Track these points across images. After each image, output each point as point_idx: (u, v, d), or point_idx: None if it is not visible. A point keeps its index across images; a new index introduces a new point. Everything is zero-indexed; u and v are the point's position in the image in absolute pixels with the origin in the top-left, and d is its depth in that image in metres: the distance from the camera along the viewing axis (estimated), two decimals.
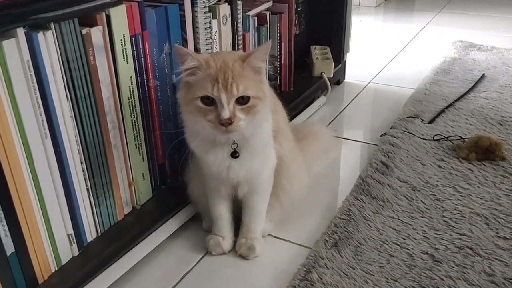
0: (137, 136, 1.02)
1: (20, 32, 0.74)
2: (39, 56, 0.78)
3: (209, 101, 0.83)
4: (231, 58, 0.85)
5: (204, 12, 1.11)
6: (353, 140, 1.55)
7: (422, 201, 1.18)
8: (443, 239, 1.05)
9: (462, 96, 1.72)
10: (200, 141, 0.90)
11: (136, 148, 1.03)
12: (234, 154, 0.91)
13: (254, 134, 0.91)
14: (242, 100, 0.83)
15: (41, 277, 0.86)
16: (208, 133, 0.86)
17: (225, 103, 0.82)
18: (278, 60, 1.57)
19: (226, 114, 0.82)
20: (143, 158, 1.05)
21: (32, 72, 0.77)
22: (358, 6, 3.23)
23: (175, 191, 1.12)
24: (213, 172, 0.95)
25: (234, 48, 1.28)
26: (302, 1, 1.79)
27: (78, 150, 0.89)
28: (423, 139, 1.45)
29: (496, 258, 0.99)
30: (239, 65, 0.84)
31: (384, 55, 2.25)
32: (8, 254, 0.79)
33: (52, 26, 0.79)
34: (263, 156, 0.97)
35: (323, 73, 1.77)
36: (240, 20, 1.27)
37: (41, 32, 0.77)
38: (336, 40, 1.88)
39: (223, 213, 1.05)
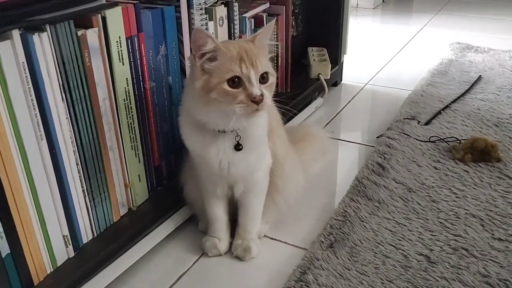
0: (133, 138, 1.02)
1: (16, 33, 0.74)
2: (34, 58, 0.78)
3: (235, 83, 0.83)
4: (240, 41, 0.87)
5: (201, 14, 1.11)
6: (349, 142, 1.55)
7: (418, 203, 1.18)
8: (439, 240, 1.05)
9: (458, 98, 1.73)
10: (200, 136, 0.91)
11: (132, 149, 1.03)
12: (238, 147, 0.91)
13: (255, 123, 0.91)
14: (263, 79, 0.85)
15: (36, 278, 0.86)
16: (240, 115, 0.83)
17: (254, 80, 0.82)
18: (275, 61, 1.57)
19: (257, 91, 0.82)
20: (139, 160, 1.06)
21: (28, 74, 0.77)
22: (355, 8, 3.23)
23: (171, 193, 1.12)
24: (213, 169, 0.94)
25: None
26: (299, 3, 1.79)
27: (73, 151, 0.89)
28: (420, 140, 1.46)
29: (491, 259, 0.99)
30: (252, 45, 0.86)
31: (381, 57, 2.26)
32: (3, 256, 0.79)
33: (48, 28, 0.79)
34: (259, 152, 0.97)
35: (320, 75, 1.77)
36: (236, 22, 1.27)
37: (36, 34, 0.77)
38: (333, 41, 1.88)
39: (219, 214, 1.05)
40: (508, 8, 3.06)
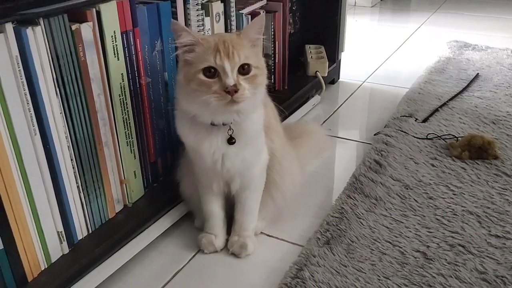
0: (128, 134, 1.02)
1: (9, 27, 0.74)
2: (28, 52, 0.77)
3: (211, 73, 0.83)
4: (227, 33, 0.87)
5: (197, 10, 1.11)
6: (347, 139, 1.55)
7: (415, 200, 1.18)
8: (435, 237, 1.05)
9: (456, 96, 1.72)
10: (194, 130, 0.91)
11: (127, 145, 1.02)
12: (231, 140, 0.91)
13: (248, 119, 0.90)
14: (244, 70, 0.84)
15: (30, 274, 0.86)
16: (213, 108, 0.84)
17: (228, 71, 0.82)
18: (272, 59, 1.56)
19: (230, 81, 0.82)
20: (134, 156, 1.05)
21: (21, 68, 0.77)
22: (353, 6, 3.23)
23: (167, 189, 1.12)
24: (208, 164, 0.94)
25: None
26: (296, 0, 1.78)
27: (68, 147, 0.88)
28: (417, 138, 1.45)
29: (488, 256, 0.99)
30: (236, 36, 0.86)
31: (379, 55, 2.25)
32: None
33: (42, 22, 0.78)
34: (256, 147, 0.97)
35: (317, 72, 1.77)
36: (233, 18, 1.27)
37: (30, 28, 0.77)
38: (331, 39, 1.88)
39: (215, 211, 1.05)
40: (505, 7, 3.06)
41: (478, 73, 1.91)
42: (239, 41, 0.85)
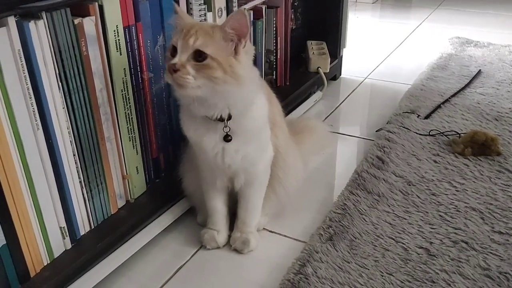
0: (130, 129, 1.01)
1: (11, 21, 0.73)
2: (30, 46, 0.76)
3: (173, 52, 0.84)
4: (205, 23, 0.89)
5: (199, 4, 1.10)
6: (349, 135, 1.54)
7: (418, 196, 1.17)
8: (438, 234, 1.05)
9: (458, 92, 1.72)
10: (194, 124, 0.91)
11: (129, 141, 1.02)
12: (227, 138, 0.90)
13: (245, 117, 0.90)
14: (199, 58, 0.82)
15: (33, 270, 0.85)
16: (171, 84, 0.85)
17: (179, 51, 0.82)
18: (274, 54, 1.56)
19: (175, 60, 0.82)
20: (137, 151, 1.04)
21: (24, 62, 0.76)
22: (355, 2, 3.22)
23: (169, 185, 1.11)
24: (210, 159, 0.94)
25: None
26: None
27: (70, 142, 0.88)
28: (419, 134, 1.45)
29: (491, 252, 0.99)
30: (210, 27, 0.85)
31: (381, 51, 2.25)
32: None
33: (44, 15, 0.78)
34: (259, 143, 0.96)
35: (319, 68, 1.76)
36: None
37: (32, 21, 0.76)
38: (332, 35, 1.87)
39: (218, 206, 1.04)
40: (507, 3, 3.05)
41: (480, 70, 1.90)
42: (207, 30, 0.83)
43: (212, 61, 0.82)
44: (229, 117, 0.89)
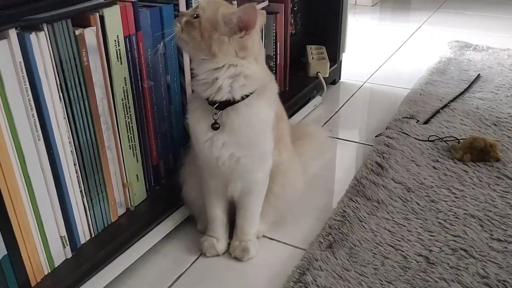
0: (131, 137, 1.02)
1: (13, 33, 0.73)
2: (31, 57, 0.77)
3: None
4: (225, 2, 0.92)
5: None
6: (348, 141, 1.55)
7: (417, 203, 1.18)
8: (438, 241, 1.05)
9: (457, 97, 1.72)
10: (195, 109, 0.93)
11: (130, 149, 1.02)
12: (214, 125, 0.91)
13: (237, 111, 0.90)
14: (195, 16, 0.87)
15: (34, 279, 0.86)
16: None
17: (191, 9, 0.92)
18: (274, 59, 1.56)
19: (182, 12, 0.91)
20: (137, 159, 1.05)
21: (25, 74, 0.76)
22: (354, 5, 3.22)
23: (169, 192, 1.12)
24: (200, 148, 0.94)
25: None
26: (298, 1, 1.78)
27: (71, 151, 0.88)
28: (418, 139, 1.45)
29: (490, 260, 0.99)
30: (223, 5, 0.89)
31: (380, 55, 2.25)
32: (0, 257, 0.79)
33: (45, 27, 0.78)
34: (259, 152, 0.96)
35: (318, 73, 1.77)
36: None
37: (33, 33, 0.76)
38: (332, 39, 1.87)
39: (218, 214, 1.05)
40: (506, 6, 3.06)
41: (479, 74, 1.91)
42: (218, 4, 0.88)
43: (198, 22, 0.87)
44: (223, 106, 0.89)
